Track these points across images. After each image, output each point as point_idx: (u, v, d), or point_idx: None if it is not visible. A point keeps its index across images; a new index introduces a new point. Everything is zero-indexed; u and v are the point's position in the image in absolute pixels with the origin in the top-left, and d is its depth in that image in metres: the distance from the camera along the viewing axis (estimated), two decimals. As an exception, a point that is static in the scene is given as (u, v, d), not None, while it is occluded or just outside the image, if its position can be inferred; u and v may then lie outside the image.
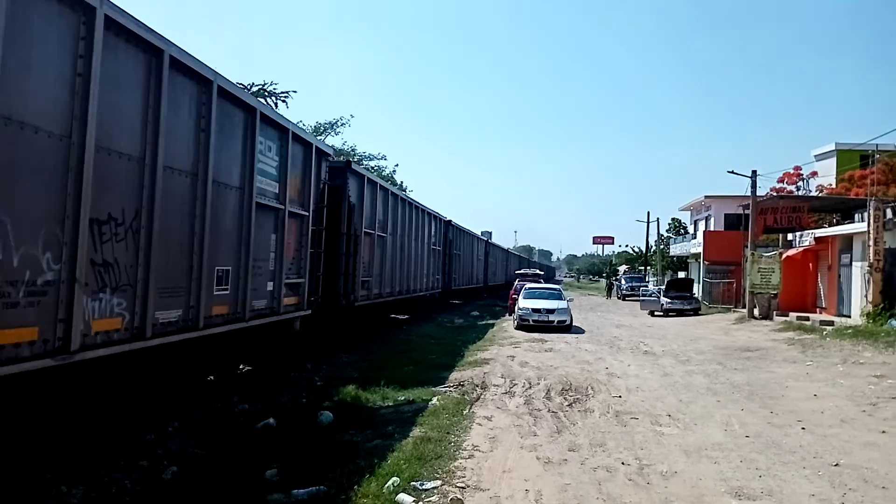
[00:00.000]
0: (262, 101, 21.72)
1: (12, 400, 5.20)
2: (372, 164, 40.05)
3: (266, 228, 9.43)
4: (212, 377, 9.66)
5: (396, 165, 58.41)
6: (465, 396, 10.23)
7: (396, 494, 5.70)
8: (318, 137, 29.65)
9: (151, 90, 6.44)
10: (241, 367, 10.85)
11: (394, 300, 19.48)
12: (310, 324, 11.95)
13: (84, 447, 6.45)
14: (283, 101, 27.67)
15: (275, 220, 9.73)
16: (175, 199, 6.97)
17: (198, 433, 7.73)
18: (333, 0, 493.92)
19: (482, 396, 10.34)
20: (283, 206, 9.86)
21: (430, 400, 9.83)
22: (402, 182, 43.22)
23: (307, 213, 11.03)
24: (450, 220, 29.08)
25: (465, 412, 9.12)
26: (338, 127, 38.28)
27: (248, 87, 25.63)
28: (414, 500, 5.63)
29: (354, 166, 15.35)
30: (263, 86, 27.19)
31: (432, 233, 24.81)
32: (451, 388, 10.93)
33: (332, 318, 13.99)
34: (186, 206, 7.25)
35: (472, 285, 37.88)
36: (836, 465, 6.92)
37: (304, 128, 12.03)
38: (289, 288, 10.36)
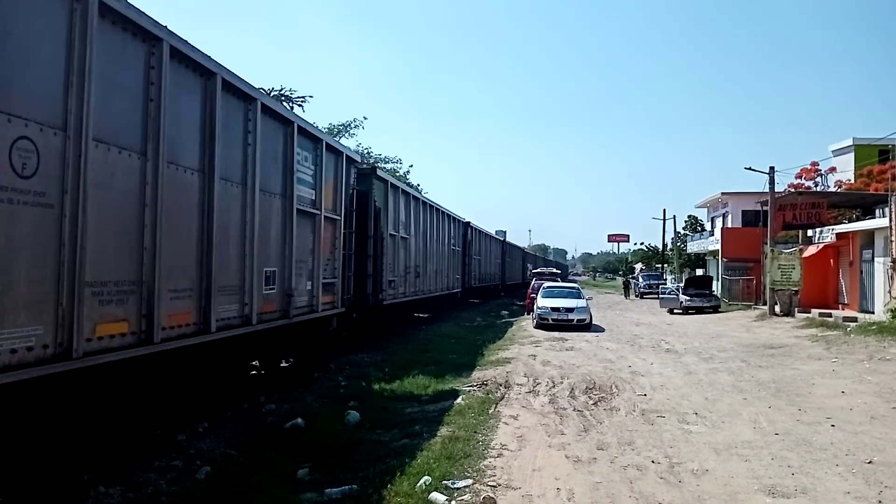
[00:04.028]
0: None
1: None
2: (387, 166, 40.15)
3: (305, 231, 10.26)
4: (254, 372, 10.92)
5: (411, 166, 58.29)
6: (490, 396, 10.24)
7: (429, 493, 5.72)
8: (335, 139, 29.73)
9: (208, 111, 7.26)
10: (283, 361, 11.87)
11: (417, 299, 20.05)
12: (344, 321, 12.79)
13: (118, 448, 6.54)
14: (300, 106, 27.92)
15: (312, 225, 10.48)
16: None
17: (228, 433, 7.81)
18: (343, 2, 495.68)
19: (506, 395, 10.35)
20: (318, 212, 10.61)
21: (455, 399, 9.85)
22: (418, 184, 43.28)
23: (339, 217, 11.74)
24: (468, 222, 29.73)
25: (490, 411, 9.14)
26: (352, 129, 38.47)
27: (268, 92, 25.82)
28: (447, 499, 5.65)
29: (380, 172, 16.06)
30: (281, 90, 27.41)
31: (452, 234, 25.41)
32: (475, 388, 10.95)
33: (362, 316, 14.57)
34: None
35: (489, 284, 38.67)
36: (869, 463, 6.86)
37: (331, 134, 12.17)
38: (325, 287, 11.02)
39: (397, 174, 39.18)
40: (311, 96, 30.48)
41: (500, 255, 43.60)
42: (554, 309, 22.35)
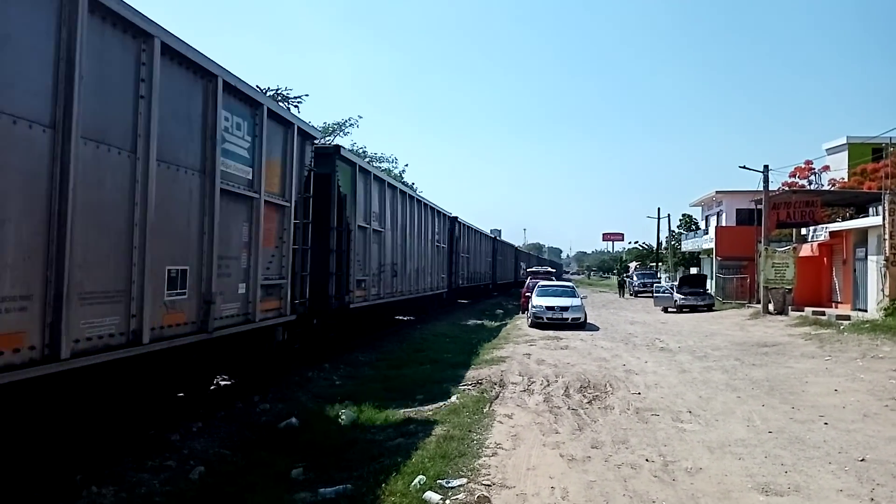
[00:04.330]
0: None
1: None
2: (383, 165, 40.10)
3: (236, 219, 8.10)
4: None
5: (406, 166, 58.49)
6: (485, 394, 10.24)
7: (423, 492, 5.72)
8: (328, 138, 29.65)
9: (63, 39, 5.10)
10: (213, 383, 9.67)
11: (395, 301, 18.06)
12: (297, 331, 10.90)
13: (111, 448, 6.52)
14: (296, 106, 27.90)
15: (248, 211, 8.39)
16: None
17: (222, 433, 7.79)
18: (339, 3, 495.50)
19: (501, 394, 10.35)
20: (256, 195, 8.50)
21: (450, 398, 9.85)
22: (413, 183, 43.21)
23: (288, 204, 9.56)
24: (456, 217, 28.37)
25: (485, 410, 9.14)
26: (346, 127, 38.44)
27: (265, 91, 25.77)
28: (441, 498, 5.65)
29: (345, 152, 13.62)
30: (278, 90, 27.40)
31: (437, 230, 23.59)
32: (470, 387, 10.95)
33: (323, 323, 12.53)
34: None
35: (479, 284, 37.22)
36: (862, 461, 6.88)
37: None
38: (267, 290, 9.01)
39: (392, 173, 39.08)
40: (306, 95, 30.27)
41: (490, 253, 41.53)
42: (549, 308, 22.38)
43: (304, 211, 10.37)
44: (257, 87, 25.15)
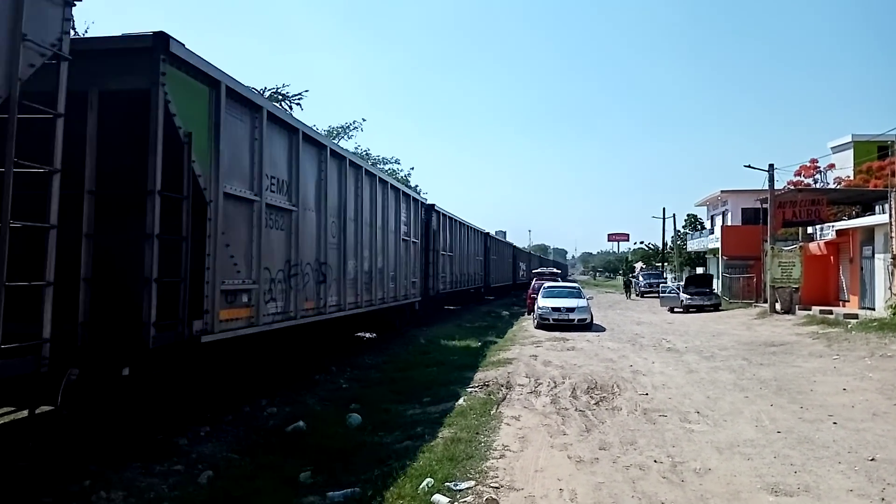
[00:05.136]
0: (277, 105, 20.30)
1: None
2: (386, 167, 39.92)
3: None
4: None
5: (412, 168, 58.16)
6: (491, 396, 10.24)
7: (432, 495, 5.71)
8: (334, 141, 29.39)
9: None
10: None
11: (324, 321, 11.52)
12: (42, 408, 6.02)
13: (119, 453, 6.53)
14: (297, 104, 27.66)
15: None
16: None
17: (229, 437, 7.81)
18: (341, 5, 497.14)
19: (508, 396, 10.34)
20: None
21: (457, 400, 9.85)
22: (417, 185, 42.98)
23: None
24: (433, 205, 23.23)
25: (492, 412, 9.13)
26: (350, 130, 38.24)
27: (262, 91, 25.53)
28: (449, 501, 5.64)
29: (182, 51, 6.96)
30: (276, 89, 27.25)
31: (404, 219, 17.65)
32: (477, 389, 10.94)
33: (139, 377, 6.57)
34: None
35: (468, 287, 31.62)
36: (871, 460, 6.85)
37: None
38: None
39: (396, 176, 38.88)
40: (306, 91, 29.36)
41: (482, 252, 35.41)
42: (555, 309, 22.36)
43: (40, 149, 5.07)
44: (256, 89, 24.29)
